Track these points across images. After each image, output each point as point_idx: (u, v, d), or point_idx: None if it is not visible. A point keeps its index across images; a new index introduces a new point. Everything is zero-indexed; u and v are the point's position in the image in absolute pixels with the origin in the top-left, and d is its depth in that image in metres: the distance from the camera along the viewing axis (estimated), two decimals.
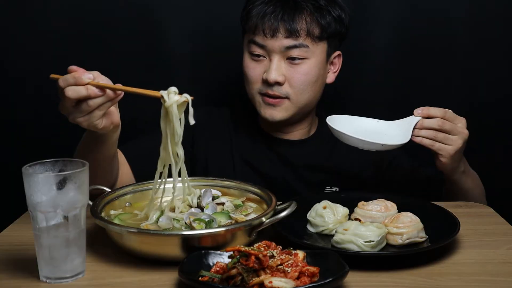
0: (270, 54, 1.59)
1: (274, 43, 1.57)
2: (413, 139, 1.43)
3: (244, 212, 1.28)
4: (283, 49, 1.58)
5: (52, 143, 2.01)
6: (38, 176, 1.06)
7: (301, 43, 1.57)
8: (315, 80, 1.62)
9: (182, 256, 1.10)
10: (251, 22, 1.60)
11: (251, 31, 1.61)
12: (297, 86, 1.60)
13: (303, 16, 1.58)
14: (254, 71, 1.62)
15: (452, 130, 1.43)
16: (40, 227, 1.07)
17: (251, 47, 1.61)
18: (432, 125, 1.43)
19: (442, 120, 1.43)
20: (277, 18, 1.56)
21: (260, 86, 1.61)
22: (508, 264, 1.17)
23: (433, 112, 1.43)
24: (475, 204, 1.51)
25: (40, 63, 2.01)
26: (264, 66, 1.61)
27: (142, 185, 1.39)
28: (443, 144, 1.43)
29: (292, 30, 1.56)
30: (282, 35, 1.56)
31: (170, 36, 2.00)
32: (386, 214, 1.30)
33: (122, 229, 1.15)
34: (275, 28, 1.56)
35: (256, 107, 1.65)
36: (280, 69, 1.58)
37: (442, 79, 2.04)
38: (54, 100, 2.01)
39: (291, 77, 1.59)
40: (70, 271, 1.09)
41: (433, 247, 1.18)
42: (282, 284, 0.98)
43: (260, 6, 1.59)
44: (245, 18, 1.63)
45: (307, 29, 1.57)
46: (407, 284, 1.08)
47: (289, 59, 1.59)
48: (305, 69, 1.59)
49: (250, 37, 1.61)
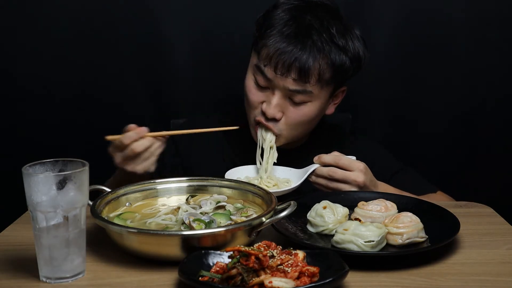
0: (274, 89, 1.54)
1: (281, 81, 1.52)
2: (312, 184, 1.50)
3: (244, 214, 1.28)
4: (287, 90, 1.53)
5: (52, 143, 2.01)
6: (38, 176, 1.06)
7: (305, 90, 1.52)
8: (312, 119, 1.60)
9: (182, 256, 1.10)
10: (265, 49, 1.53)
11: (262, 58, 1.54)
12: (292, 125, 1.57)
13: (317, 58, 1.50)
14: (255, 97, 1.58)
15: (343, 178, 1.46)
16: (40, 227, 1.07)
17: (257, 75, 1.56)
18: (323, 174, 1.47)
19: (332, 169, 1.46)
20: (291, 57, 1.49)
21: (257, 112, 1.58)
22: (508, 264, 1.17)
23: (325, 160, 1.48)
24: (475, 204, 1.51)
25: (40, 63, 2.01)
26: (265, 96, 1.56)
27: (142, 185, 1.39)
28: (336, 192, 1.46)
29: (304, 73, 1.50)
30: (291, 77, 1.51)
31: (172, 37, 2.00)
32: (386, 214, 1.30)
33: (122, 229, 1.15)
34: (287, 66, 1.50)
35: (249, 123, 1.64)
36: (280, 106, 1.55)
37: (442, 79, 2.04)
38: (54, 101, 2.04)
39: (289, 115, 1.56)
40: (70, 271, 1.09)
41: (433, 247, 1.18)
42: (282, 284, 0.98)
43: (278, 38, 1.51)
44: (261, 36, 1.55)
45: (319, 73, 1.52)
46: (407, 284, 1.08)
47: (291, 99, 1.55)
48: (306, 111, 1.56)
49: (259, 64, 1.55)
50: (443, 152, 2.10)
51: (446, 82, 2.04)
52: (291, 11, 1.55)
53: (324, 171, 1.47)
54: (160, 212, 1.31)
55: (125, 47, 2.02)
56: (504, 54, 2.02)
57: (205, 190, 1.41)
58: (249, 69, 1.61)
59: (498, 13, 2.00)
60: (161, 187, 1.40)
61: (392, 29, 2.00)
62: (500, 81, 2.04)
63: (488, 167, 2.03)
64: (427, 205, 1.39)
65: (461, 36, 2.00)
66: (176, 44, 2.02)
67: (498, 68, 2.03)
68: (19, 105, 2.04)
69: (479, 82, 2.04)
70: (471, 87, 2.04)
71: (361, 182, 1.45)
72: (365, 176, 1.46)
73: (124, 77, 2.04)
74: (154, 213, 1.32)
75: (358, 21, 1.93)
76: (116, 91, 2.05)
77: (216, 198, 1.37)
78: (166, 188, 1.40)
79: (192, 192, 1.41)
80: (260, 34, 1.56)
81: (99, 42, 2.01)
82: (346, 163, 1.46)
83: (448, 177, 1.89)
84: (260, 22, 1.59)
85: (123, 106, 2.06)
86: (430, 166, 2.02)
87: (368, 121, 2.06)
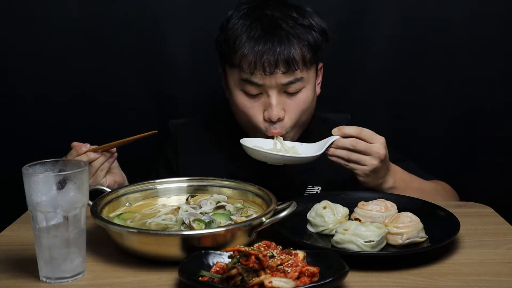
0: (268, 91, 1.53)
1: (273, 81, 1.51)
2: (329, 157, 1.45)
3: (244, 214, 1.28)
4: (280, 86, 1.52)
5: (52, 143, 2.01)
6: (38, 176, 1.06)
7: (296, 78, 1.53)
8: (310, 104, 1.60)
9: (182, 256, 1.10)
10: (245, 60, 1.52)
11: (245, 71, 1.52)
12: (296, 117, 1.56)
13: (295, 44, 1.52)
14: (252, 111, 1.56)
15: (366, 150, 1.43)
16: (40, 227, 1.07)
17: (247, 87, 1.54)
18: (346, 145, 1.43)
19: (356, 140, 1.43)
20: (275, 54, 1.49)
21: (264, 126, 1.56)
22: (508, 264, 1.17)
23: (347, 131, 1.44)
24: (475, 204, 1.51)
25: (40, 63, 2.01)
26: (262, 104, 1.55)
27: (142, 185, 1.39)
28: (357, 164, 1.44)
29: (289, 62, 1.50)
30: (280, 71, 1.51)
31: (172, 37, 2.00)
32: (386, 214, 1.30)
33: (122, 229, 1.15)
34: (274, 64, 1.50)
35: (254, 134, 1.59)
36: (280, 104, 1.54)
37: (442, 80, 2.04)
38: (54, 101, 2.04)
39: (290, 109, 1.56)
40: (70, 271, 1.09)
41: (433, 247, 1.18)
42: (282, 284, 0.98)
43: (252, 43, 1.51)
44: (232, 51, 1.54)
45: (302, 57, 1.53)
46: (407, 284, 1.08)
47: (286, 92, 1.55)
48: (303, 98, 1.56)
49: (246, 77, 1.53)
50: (443, 152, 2.10)
51: (446, 82, 2.04)
52: (248, 16, 1.55)
53: (347, 142, 1.43)
54: (160, 212, 1.31)
55: (125, 47, 2.02)
56: (503, 56, 2.02)
57: (205, 190, 1.41)
58: (233, 88, 1.59)
59: (498, 13, 2.00)
60: (161, 187, 1.40)
61: (391, 31, 2.00)
62: (500, 81, 2.04)
63: (488, 167, 2.03)
64: (427, 205, 1.39)
65: (461, 36, 2.00)
66: (176, 44, 2.02)
67: (498, 68, 2.03)
68: (19, 105, 2.04)
69: (479, 82, 2.04)
70: (471, 87, 2.04)
71: (383, 155, 1.43)
72: (385, 150, 1.45)
73: (124, 77, 2.04)
74: (154, 213, 1.32)
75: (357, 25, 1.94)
76: (116, 91, 2.05)
77: (216, 198, 1.37)
78: (166, 188, 1.40)
79: (192, 192, 1.41)
80: (229, 50, 1.55)
81: (99, 42, 2.01)
82: (369, 135, 1.43)
83: (448, 177, 1.88)
84: (221, 40, 1.59)
85: (123, 106, 2.06)
86: (430, 166, 2.02)
87: (367, 121, 2.06)
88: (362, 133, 1.43)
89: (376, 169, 1.44)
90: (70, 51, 2.00)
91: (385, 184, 1.51)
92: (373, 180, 1.48)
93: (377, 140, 1.44)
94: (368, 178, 1.47)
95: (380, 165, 1.44)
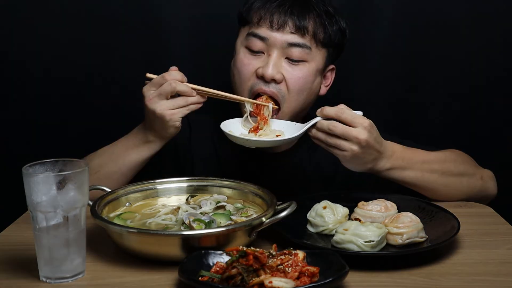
0: (270, 49, 1.50)
1: (278, 36, 1.48)
2: (312, 140, 1.38)
3: (244, 214, 1.28)
4: (285, 45, 1.49)
5: (52, 143, 2.01)
6: (38, 176, 1.06)
7: (304, 43, 1.50)
8: (309, 86, 1.54)
9: (182, 256, 1.10)
10: (256, 14, 1.51)
11: (254, 23, 1.51)
12: (294, 89, 1.51)
13: (312, 16, 1.51)
14: (248, 67, 1.51)
15: (343, 134, 1.31)
16: (40, 227, 1.07)
17: (250, 42, 1.52)
18: (323, 127, 1.33)
19: (333, 123, 1.32)
20: (286, 12, 1.49)
21: (253, 82, 1.51)
22: (508, 264, 1.17)
23: (327, 112, 1.33)
24: (475, 204, 1.51)
25: (40, 63, 2.01)
26: (260, 62, 1.51)
27: (142, 185, 1.39)
28: (336, 149, 1.34)
29: (300, 26, 1.49)
30: (289, 28, 1.48)
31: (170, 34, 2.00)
32: (386, 214, 1.30)
33: (122, 229, 1.15)
34: (283, 20, 1.48)
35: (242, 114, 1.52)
36: (279, 66, 1.50)
37: (442, 79, 2.04)
38: (55, 101, 2.04)
39: (290, 77, 1.50)
40: (70, 271, 1.09)
41: (433, 247, 1.18)
42: (282, 284, 0.98)
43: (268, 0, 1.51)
44: (248, 10, 1.54)
45: (314, 31, 1.51)
46: (407, 284, 1.08)
47: (288, 58, 1.51)
48: (304, 71, 1.52)
49: (251, 30, 1.51)
50: None
51: (446, 82, 2.04)
52: None
53: (325, 125, 1.33)
54: (160, 212, 1.31)
55: (125, 47, 2.01)
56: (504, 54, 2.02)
57: (205, 190, 1.41)
58: (238, 47, 1.56)
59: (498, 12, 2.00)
60: (161, 187, 1.40)
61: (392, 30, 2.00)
62: (500, 81, 2.04)
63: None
64: (427, 205, 1.39)
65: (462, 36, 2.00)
66: (176, 44, 2.01)
67: (498, 68, 2.03)
68: (19, 105, 2.04)
69: (480, 82, 2.03)
70: (472, 87, 2.04)
71: (363, 140, 1.31)
72: (369, 134, 1.32)
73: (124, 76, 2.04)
74: (154, 213, 1.32)
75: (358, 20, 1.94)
76: (115, 91, 2.05)
77: (216, 198, 1.37)
78: (166, 188, 1.40)
79: (192, 192, 1.41)
80: (246, 10, 1.54)
81: (99, 42, 2.00)
82: (349, 117, 1.32)
83: None
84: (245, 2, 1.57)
85: (123, 106, 2.06)
86: None
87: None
88: (342, 115, 1.32)
89: (357, 155, 1.33)
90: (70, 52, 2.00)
91: (377, 167, 1.40)
92: (358, 165, 1.38)
93: (359, 124, 1.32)
94: (350, 164, 1.38)
95: (362, 151, 1.33)
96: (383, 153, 1.39)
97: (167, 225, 1.25)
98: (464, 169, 1.55)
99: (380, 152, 1.38)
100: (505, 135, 2.07)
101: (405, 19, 2.00)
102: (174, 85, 1.40)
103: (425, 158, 1.49)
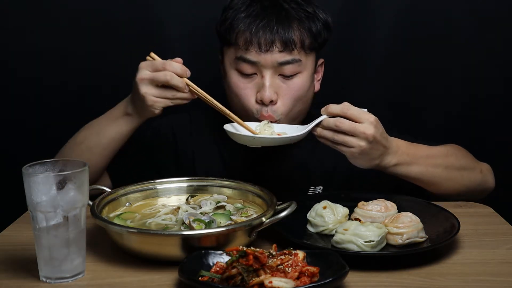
0: (262, 70, 1.50)
1: (268, 57, 1.48)
2: (318, 139, 1.37)
3: (244, 214, 1.28)
4: (276, 65, 1.49)
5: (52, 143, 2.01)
6: (38, 176, 1.06)
7: (294, 59, 1.50)
8: (305, 93, 1.55)
9: (182, 256, 1.10)
10: (241, 37, 1.50)
11: (241, 46, 1.50)
12: (289, 104, 1.52)
13: (295, 25, 1.50)
14: (245, 92, 1.53)
15: (350, 130, 1.32)
16: (40, 227, 1.07)
17: (241, 66, 1.51)
18: (330, 125, 1.33)
19: (340, 119, 1.32)
20: (272, 31, 1.47)
21: (256, 109, 1.52)
22: (508, 264, 1.17)
23: (333, 109, 1.34)
24: (475, 204, 1.51)
25: (40, 64, 2.01)
26: (255, 85, 1.52)
27: (142, 185, 1.39)
28: (343, 146, 1.34)
29: (287, 41, 1.48)
30: (277, 48, 1.48)
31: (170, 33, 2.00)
32: (386, 214, 1.30)
33: (122, 229, 1.15)
34: (270, 40, 1.47)
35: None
36: (274, 86, 1.51)
37: (442, 80, 2.04)
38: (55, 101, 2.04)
39: (284, 94, 1.51)
40: (70, 271, 1.09)
41: (433, 247, 1.18)
42: (282, 284, 0.98)
43: (249, 20, 1.50)
44: (228, 30, 1.52)
45: (300, 40, 1.51)
46: (407, 284, 1.08)
47: (282, 75, 1.51)
48: (298, 84, 1.52)
49: (240, 54, 1.51)
50: None
51: (446, 82, 2.04)
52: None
53: (331, 122, 1.32)
54: (160, 212, 1.31)
55: (124, 47, 2.01)
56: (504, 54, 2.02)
57: (205, 190, 1.41)
58: (228, 69, 1.56)
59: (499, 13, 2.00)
60: (161, 187, 1.40)
61: (392, 30, 2.00)
62: (500, 82, 2.04)
63: None
64: (427, 205, 1.39)
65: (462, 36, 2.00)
66: (176, 44, 2.01)
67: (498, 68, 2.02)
68: (19, 105, 2.04)
69: (480, 83, 2.03)
70: (472, 87, 2.04)
71: (370, 135, 1.31)
72: (375, 129, 1.33)
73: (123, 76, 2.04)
74: (154, 213, 1.32)
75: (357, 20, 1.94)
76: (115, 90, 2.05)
77: (216, 198, 1.37)
78: (166, 188, 1.40)
79: (192, 192, 1.41)
80: (227, 28, 1.53)
81: (98, 42, 2.00)
82: (355, 113, 1.32)
83: None
84: (221, 20, 1.56)
85: None
86: None
87: None
88: (348, 111, 1.32)
89: (364, 151, 1.33)
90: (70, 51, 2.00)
91: (384, 163, 1.40)
92: (365, 162, 1.38)
93: (365, 119, 1.32)
94: (357, 160, 1.37)
95: (369, 146, 1.33)
96: (389, 148, 1.40)
97: (167, 225, 1.25)
98: (465, 162, 1.57)
99: (386, 148, 1.39)
100: (505, 135, 2.07)
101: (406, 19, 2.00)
102: (169, 78, 1.39)
103: (428, 152, 1.49)
